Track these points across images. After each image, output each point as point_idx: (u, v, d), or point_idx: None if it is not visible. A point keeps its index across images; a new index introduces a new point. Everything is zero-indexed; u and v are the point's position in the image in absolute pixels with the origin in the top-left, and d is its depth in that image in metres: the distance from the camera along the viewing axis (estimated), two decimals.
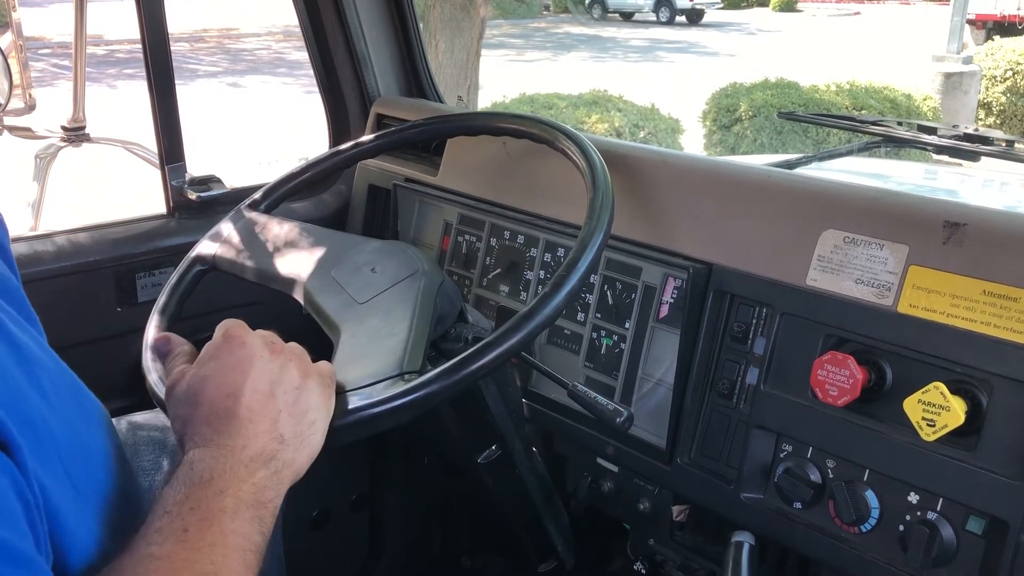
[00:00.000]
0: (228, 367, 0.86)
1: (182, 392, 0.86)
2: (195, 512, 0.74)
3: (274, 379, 0.85)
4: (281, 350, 0.89)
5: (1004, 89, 9.29)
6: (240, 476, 0.78)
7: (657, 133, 7.02)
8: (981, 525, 1.02)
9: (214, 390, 0.84)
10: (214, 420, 0.82)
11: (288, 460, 0.83)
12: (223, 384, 0.84)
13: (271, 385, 0.85)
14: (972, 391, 1.03)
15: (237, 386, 0.84)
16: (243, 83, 12.47)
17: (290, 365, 0.88)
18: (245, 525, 0.76)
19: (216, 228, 1.30)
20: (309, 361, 0.91)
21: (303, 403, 0.86)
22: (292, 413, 0.85)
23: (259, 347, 0.87)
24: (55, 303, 1.52)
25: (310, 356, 0.93)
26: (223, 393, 0.84)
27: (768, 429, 1.20)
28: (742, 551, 1.18)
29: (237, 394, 0.83)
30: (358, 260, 1.18)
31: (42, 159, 2.76)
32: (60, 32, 10.64)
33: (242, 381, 0.84)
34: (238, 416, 0.82)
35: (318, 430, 0.87)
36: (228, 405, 0.83)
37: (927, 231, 1.08)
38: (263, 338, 0.89)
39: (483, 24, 6.32)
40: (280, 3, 1.95)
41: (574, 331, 1.46)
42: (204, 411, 0.83)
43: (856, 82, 7.88)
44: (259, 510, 0.78)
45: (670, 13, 23.08)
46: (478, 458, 1.32)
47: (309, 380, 0.88)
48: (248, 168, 5.09)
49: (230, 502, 0.76)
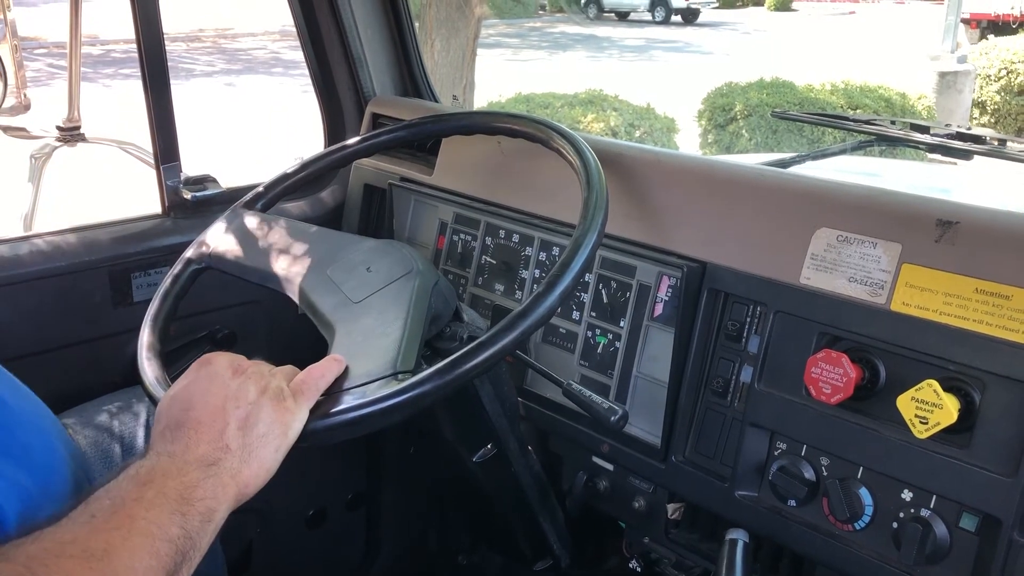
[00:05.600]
0: (190, 385, 0.93)
1: (156, 412, 0.94)
2: (109, 498, 0.79)
3: (228, 394, 0.91)
4: (242, 370, 0.94)
5: (998, 88, 9.30)
6: (170, 473, 0.83)
7: (653, 132, 7.02)
8: (974, 522, 1.03)
9: (173, 405, 0.91)
10: (167, 432, 0.88)
11: (233, 469, 0.87)
12: (181, 399, 0.91)
13: (224, 400, 0.90)
14: (965, 388, 1.03)
15: (191, 400, 0.90)
16: (239, 83, 12.45)
17: (248, 383, 0.92)
18: (162, 516, 0.78)
19: (211, 227, 1.30)
20: (272, 380, 0.94)
21: (254, 417, 0.90)
22: (242, 426, 0.89)
23: (222, 367, 0.94)
24: (51, 303, 1.52)
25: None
26: (178, 407, 0.90)
27: (762, 427, 1.20)
28: (736, 549, 1.18)
29: (189, 407, 0.90)
30: (353, 259, 1.18)
31: (37, 159, 2.75)
32: (56, 32, 10.61)
33: (197, 395, 0.91)
34: (184, 425, 0.88)
35: (269, 444, 0.90)
36: (179, 416, 0.89)
37: (920, 229, 1.08)
38: (229, 359, 0.96)
39: (479, 24, 6.31)
40: (276, 3, 1.95)
41: (569, 330, 1.46)
42: (162, 425, 0.90)
43: (851, 81, 7.89)
44: (183, 505, 0.81)
45: (665, 13, 23.10)
46: (474, 457, 1.32)
47: (263, 397, 0.92)
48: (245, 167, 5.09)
49: (150, 493, 0.80)
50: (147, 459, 0.85)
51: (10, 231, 1.81)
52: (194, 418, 0.88)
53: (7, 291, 1.47)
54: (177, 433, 0.87)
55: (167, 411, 0.91)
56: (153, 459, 0.85)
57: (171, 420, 0.89)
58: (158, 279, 1.54)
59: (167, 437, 0.88)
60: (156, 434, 0.89)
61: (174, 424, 0.88)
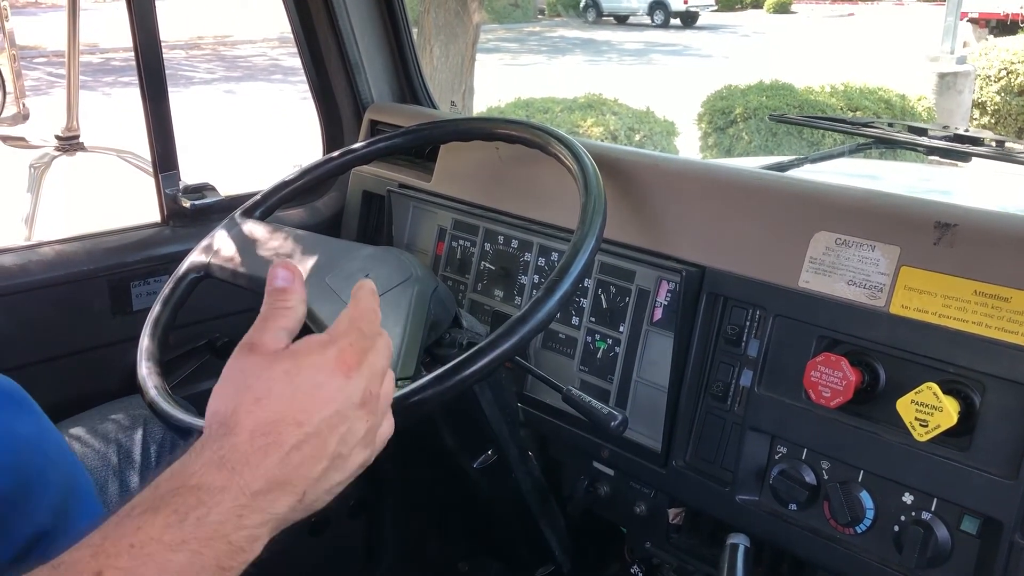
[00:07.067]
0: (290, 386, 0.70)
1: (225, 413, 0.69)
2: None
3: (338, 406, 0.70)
4: (355, 365, 0.72)
5: (998, 89, 9.30)
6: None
7: (652, 136, 7.02)
8: (975, 525, 1.03)
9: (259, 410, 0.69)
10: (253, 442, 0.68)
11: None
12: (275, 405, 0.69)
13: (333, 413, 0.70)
14: (965, 391, 1.03)
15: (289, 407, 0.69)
16: (238, 90, 12.47)
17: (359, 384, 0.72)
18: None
19: (210, 236, 1.30)
20: (384, 385, 0.75)
21: (352, 435, 0.71)
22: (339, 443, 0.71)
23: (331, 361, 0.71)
24: (50, 313, 1.52)
25: None
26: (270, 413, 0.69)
27: (762, 431, 1.20)
28: (737, 553, 1.18)
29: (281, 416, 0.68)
30: (352, 266, 1.18)
31: (36, 169, 2.76)
32: (55, 41, 10.63)
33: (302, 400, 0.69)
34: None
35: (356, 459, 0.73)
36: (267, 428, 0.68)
37: (918, 232, 1.08)
38: (338, 350, 0.72)
39: (477, 29, 6.32)
40: (275, 10, 1.96)
41: (569, 335, 1.46)
42: (240, 438, 0.68)
43: (850, 83, 7.89)
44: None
45: (664, 16, 23.14)
46: (474, 463, 1.32)
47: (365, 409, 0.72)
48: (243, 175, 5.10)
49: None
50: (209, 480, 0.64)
51: (10, 241, 1.81)
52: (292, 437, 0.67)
53: (6, 300, 1.47)
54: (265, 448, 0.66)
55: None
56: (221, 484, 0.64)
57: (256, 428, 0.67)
58: (157, 287, 1.54)
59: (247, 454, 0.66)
60: (230, 446, 0.66)
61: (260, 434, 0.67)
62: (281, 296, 0.72)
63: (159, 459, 1.38)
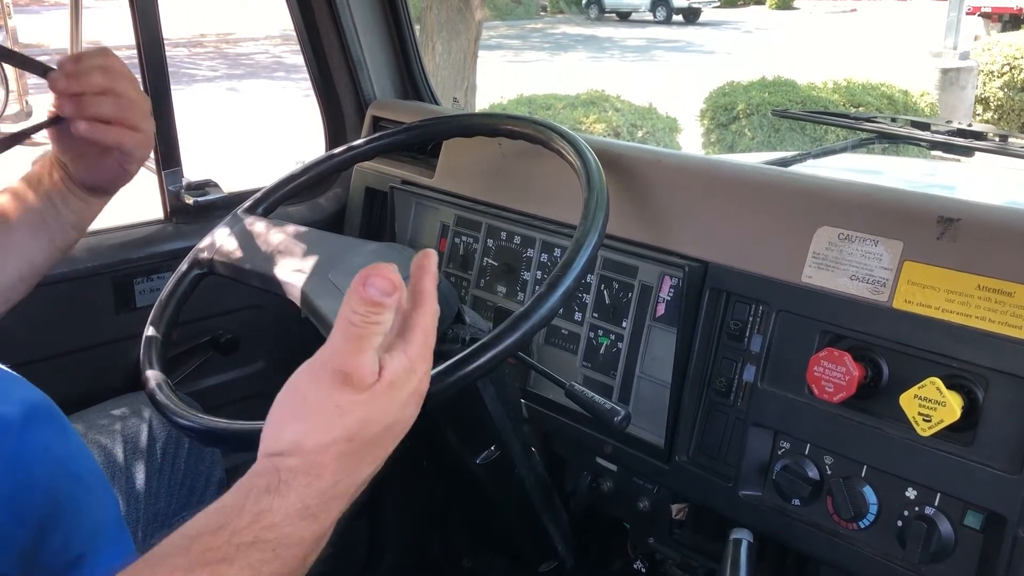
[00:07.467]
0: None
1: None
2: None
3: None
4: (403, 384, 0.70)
5: (1001, 84, 9.29)
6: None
7: (655, 132, 7.02)
8: (979, 519, 1.03)
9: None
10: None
11: None
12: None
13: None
14: (968, 386, 1.03)
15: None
16: (241, 87, 12.47)
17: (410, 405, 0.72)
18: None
19: (213, 232, 1.30)
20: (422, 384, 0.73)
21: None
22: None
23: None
24: (53, 310, 1.52)
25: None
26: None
27: (765, 426, 1.20)
28: (741, 548, 1.18)
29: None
30: (355, 262, 1.18)
31: None
32: (59, 38, 10.64)
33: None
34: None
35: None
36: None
37: (921, 227, 1.08)
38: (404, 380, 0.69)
39: (479, 26, 6.32)
40: (277, 7, 1.96)
41: (571, 331, 1.46)
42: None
43: (853, 79, 7.88)
44: None
45: (667, 12, 23.11)
46: (477, 459, 1.32)
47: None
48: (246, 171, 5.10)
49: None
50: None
51: None
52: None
53: None
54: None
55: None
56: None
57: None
58: (160, 284, 1.54)
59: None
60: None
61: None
62: (376, 310, 0.64)
63: (163, 456, 1.38)
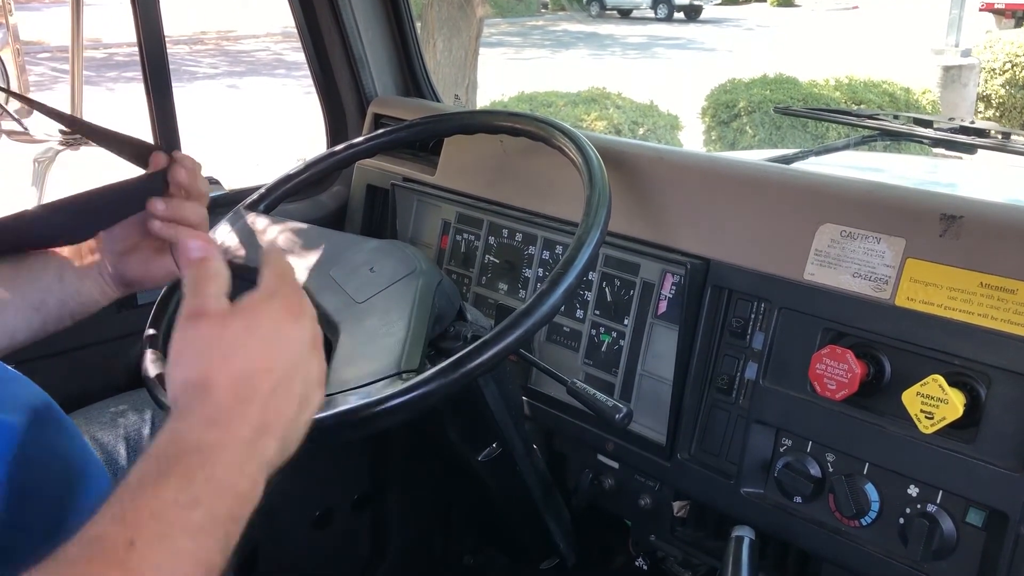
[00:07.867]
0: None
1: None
2: None
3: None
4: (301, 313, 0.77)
5: (1003, 81, 9.27)
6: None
7: (656, 130, 7.01)
8: (981, 517, 1.03)
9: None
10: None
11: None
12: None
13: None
14: (970, 383, 1.03)
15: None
16: (242, 84, 12.46)
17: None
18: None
19: (214, 229, 1.30)
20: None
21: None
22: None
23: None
24: None
25: None
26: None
27: (767, 424, 1.20)
28: (743, 546, 1.18)
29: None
30: (356, 260, 1.18)
31: (40, 163, 2.76)
32: (59, 35, 10.64)
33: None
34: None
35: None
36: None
37: (924, 224, 1.08)
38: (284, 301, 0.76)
39: (481, 23, 6.31)
40: (278, 5, 1.96)
41: (573, 328, 1.46)
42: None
43: (854, 77, 7.87)
44: None
45: (668, 9, 23.07)
46: (478, 456, 1.32)
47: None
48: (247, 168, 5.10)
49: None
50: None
51: None
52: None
53: None
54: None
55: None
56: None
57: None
58: None
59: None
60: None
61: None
62: (204, 265, 0.76)
63: None
